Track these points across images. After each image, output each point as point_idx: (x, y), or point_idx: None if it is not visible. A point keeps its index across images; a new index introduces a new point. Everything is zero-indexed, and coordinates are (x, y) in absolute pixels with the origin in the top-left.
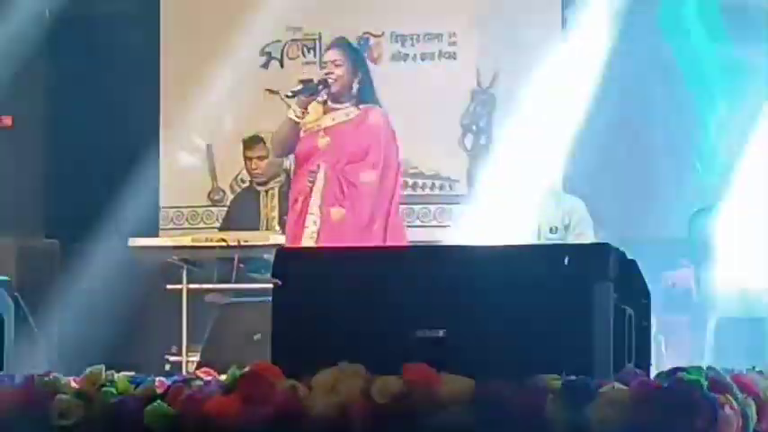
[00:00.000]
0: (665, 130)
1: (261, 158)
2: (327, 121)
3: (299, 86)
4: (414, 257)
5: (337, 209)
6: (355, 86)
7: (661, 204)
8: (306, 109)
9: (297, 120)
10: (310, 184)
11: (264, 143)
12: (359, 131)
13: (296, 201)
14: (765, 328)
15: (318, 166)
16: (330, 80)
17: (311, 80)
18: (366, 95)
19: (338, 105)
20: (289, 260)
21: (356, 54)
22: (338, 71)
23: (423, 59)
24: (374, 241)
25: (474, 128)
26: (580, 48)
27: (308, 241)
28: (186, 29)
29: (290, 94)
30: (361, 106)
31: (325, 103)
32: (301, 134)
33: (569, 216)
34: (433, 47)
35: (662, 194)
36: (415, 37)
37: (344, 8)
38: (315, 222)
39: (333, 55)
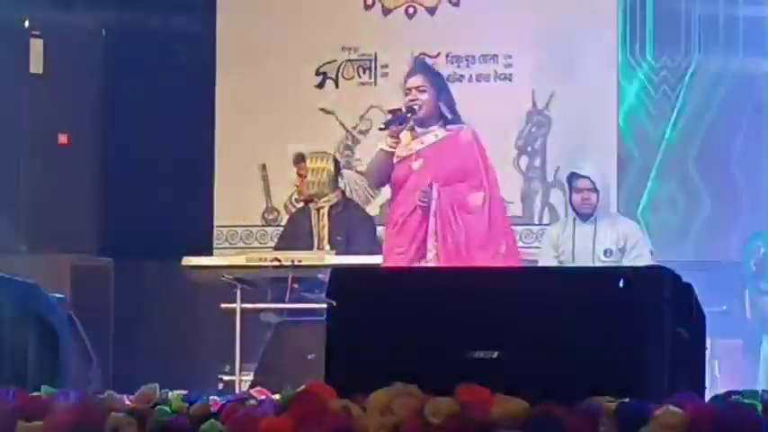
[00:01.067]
0: (725, 152)
1: (300, 176)
2: (417, 145)
3: (389, 117)
4: (468, 279)
5: (452, 234)
6: (440, 109)
7: (717, 228)
8: (398, 138)
9: (390, 150)
10: (424, 204)
11: (305, 161)
12: (451, 151)
13: (395, 223)
14: None
15: (431, 185)
16: (416, 107)
17: (399, 109)
18: (452, 117)
19: (425, 129)
20: (343, 280)
21: (439, 77)
22: (423, 96)
23: (478, 81)
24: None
25: (529, 149)
26: (633, 68)
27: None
28: (242, 48)
29: (382, 126)
30: (448, 127)
31: (412, 129)
32: (394, 161)
33: (624, 239)
34: (488, 68)
35: (718, 218)
36: (470, 58)
37: (400, 29)
38: (435, 246)
39: (417, 81)
